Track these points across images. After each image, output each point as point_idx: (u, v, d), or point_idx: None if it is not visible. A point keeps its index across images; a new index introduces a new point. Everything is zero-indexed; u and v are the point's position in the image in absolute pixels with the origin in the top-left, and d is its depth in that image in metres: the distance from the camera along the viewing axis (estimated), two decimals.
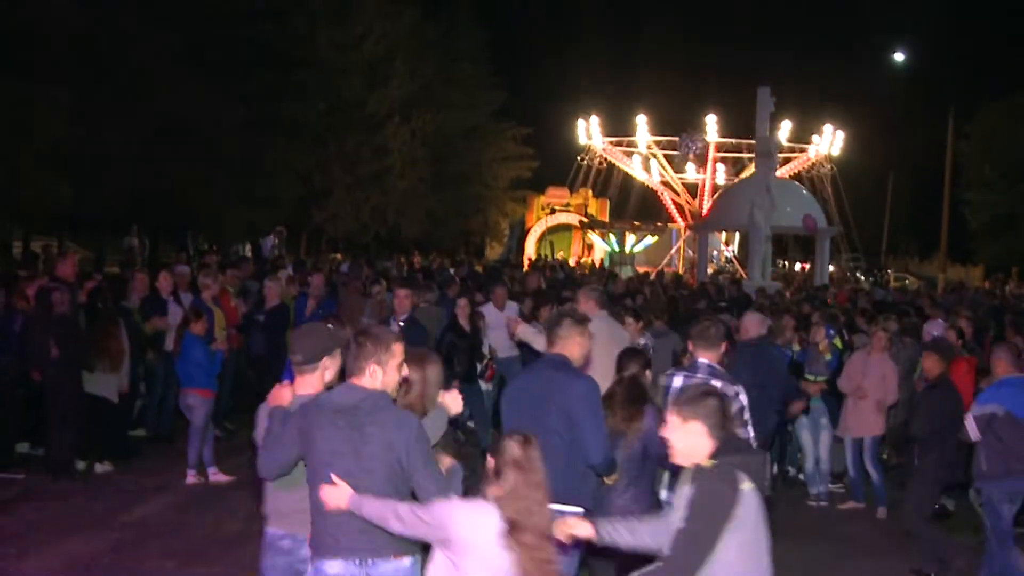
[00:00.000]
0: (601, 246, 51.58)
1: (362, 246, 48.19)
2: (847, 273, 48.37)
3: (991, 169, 52.44)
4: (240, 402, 14.50)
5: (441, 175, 50.27)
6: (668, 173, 51.89)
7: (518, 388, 7.09)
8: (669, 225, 51.77)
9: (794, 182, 44.43)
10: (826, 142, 50.78)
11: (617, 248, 49.03)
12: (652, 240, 50.18)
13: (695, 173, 51.26)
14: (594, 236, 52.38)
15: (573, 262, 47.33)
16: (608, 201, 55.44)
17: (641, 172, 52.49)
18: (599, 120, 51.86)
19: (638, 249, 49.63)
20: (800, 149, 51.13)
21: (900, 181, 66.51)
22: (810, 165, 51.44)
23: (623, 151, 52.41)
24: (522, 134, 60.57)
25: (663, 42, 70.05)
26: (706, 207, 46.49)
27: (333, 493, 5.04)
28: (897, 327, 13.43)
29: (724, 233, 48.12)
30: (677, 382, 7.61)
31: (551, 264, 38.63)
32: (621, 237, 49.35)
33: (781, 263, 54.58)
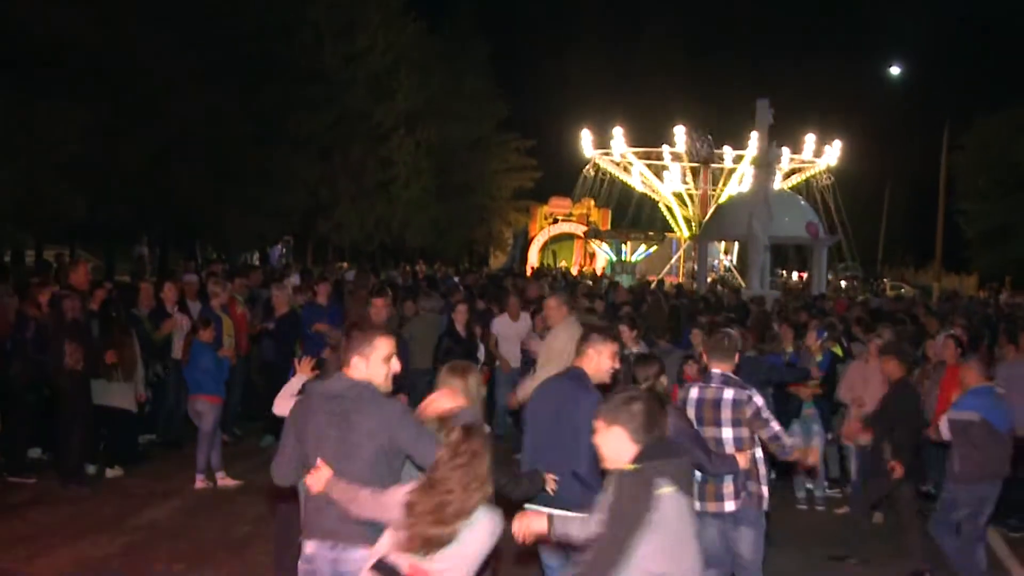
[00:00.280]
0: (603, 255, 51.60)
1: (368, 255, 48.27)
2: (840, 282, 48.36)
3: (986, 180, 52.57)
4: (248, 409, 14.56)
5: (446, 186, 50.42)
6: (651, 182, 52.04)
7: (538, 399, 7.12)
8: (669, 235, 51.76)
9: (792, 192, 44.38)
10: (821, 153, 50.73)
11: (618, 257, 49.04)
12: (652, 249, 50.18)
13: (680, 184, 51.25)
14: (596, 245, 52.40)
15: (575, 271, 47.34)
16: (610, 211, 55.49)
17: (641, 183, 52.48)
18: (592, 132, 51.74)
19: (639, 258, 49.63)
20: (799, 161, 51.09)
21: (896, 191, 66.54)
22: (809, 176, 51.42)
23: (623, 163, 52.39)
24: (525, 145, 60.81)
25: (664, 55, 70.02)
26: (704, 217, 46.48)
27: (315, 476, 5.17)
28: (892, 335, 13.43)
29: (723, 243, 48.10)
30: (693, 394, 7.59)
31: (553, 273, 38.66)
32: (622, 246, 49.38)
33: (781, 273, 54.56)
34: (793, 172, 51.21)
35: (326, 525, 5.24)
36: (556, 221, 55.56)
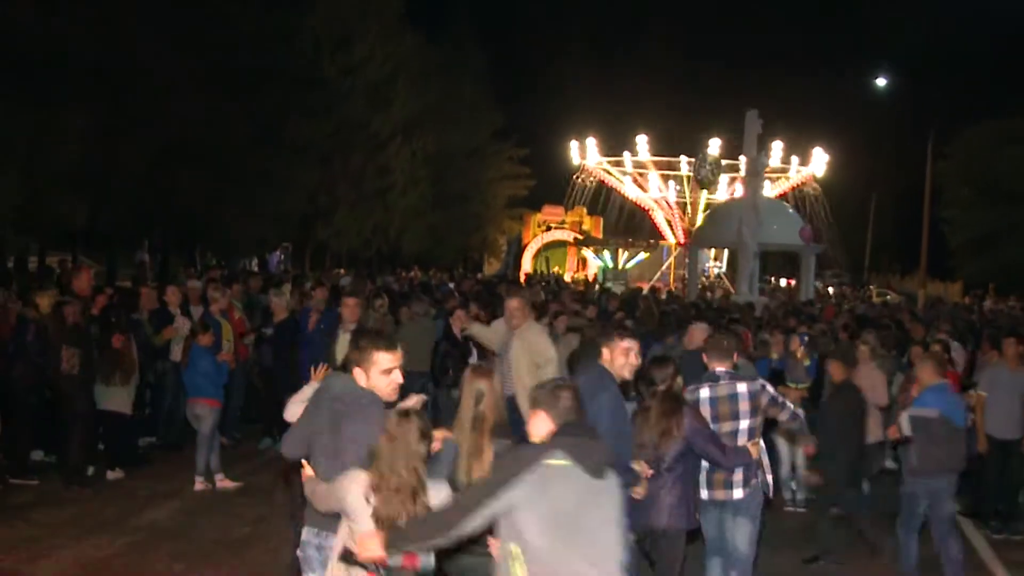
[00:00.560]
0: (595, 262, 51.64)
1: (365, 261, 48.26)
2: (828, 289, 48.38)
3: (970, 190, 52.71)
4: (247, 412, 14.55)
5: (442, 193, 50.46)
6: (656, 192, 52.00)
7: None
8: (660, 242, 51.79)
9: (781, 201, 44.42)
10: (809, 163, 50.75)
11: (610, 264, 49.08)
12: (644, 256, 50.23)
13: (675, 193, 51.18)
14: (588, 252, 52.44)
15: (568, 277, 47.39)
16: (602, 219, 55.51)
17: (632, 191, 52.43)
18: (595, 141, 51.66)
19: (630, 265, 49.67)
20: (786, 170, 51.12)
21: (883, 201, 66.62)
22: (797, 185, 51.45)
23: (619, 170, 52.34)
24: (519, 154, 60.92)
25: (656, 66, 70.21)
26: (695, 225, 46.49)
27: (306, 468, 5.41)
28: (876, 340, 13.46)
29: (713, 250, 48.13)
30: (704, 393, 7.68)
31: (546, 279, 38.71)
32: (614, 253, 49.41)
33: (769, 279, 54.58)
34: (780, 178, 51.20)
35: (313, 514, 5.42)
36: (549, 228, 55.64)
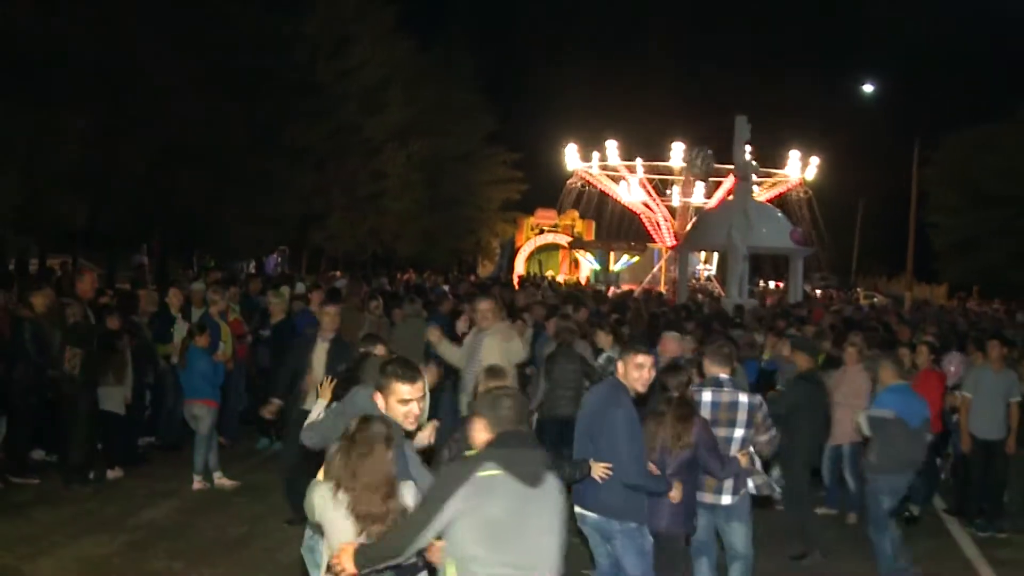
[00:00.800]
0: (587, 265, 51.66)
1: (360, 264, 48.23)
2: (816, 291, 48.42)
3: (954, 195, 52.87)
4: (244, 412, 14.54)
5: (435, 197, 50.41)
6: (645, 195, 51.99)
7: (585, 407, 7.28)
8: (651, 245, 51.79)
9: (770, 205, 44.40)
10: (798, 167, 50.73)
11: (602, 266, 49.10)
12: (635, 259, 50.25)
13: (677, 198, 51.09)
14: (580, 255, 52.46)
15: (561, 280, 47.40)
16: (594, 222, 55.53)
17: (625, 195, 52.43)
18: (578, 146, 51.58)
19: (622, 268, 49.69)
20: (775, 174, 51.11)
21: (870, 205, 66.71)
22: (787, 189, 51.45)
23: (609, 175, 52.31)
24: (512, 158, 60.86)
25: (648, 72, 70.31)
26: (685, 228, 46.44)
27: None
28: (862, 341, 13.51)
29: (704, 253, 48.15)
30: (707, 397, 7.81)
31: (537, 281, 38.71)
32: (606, 256, 49.42)
33: (759, 282, 54.59)
34: (772, 185, 51.20)
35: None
36: (542, 232, 55.66)
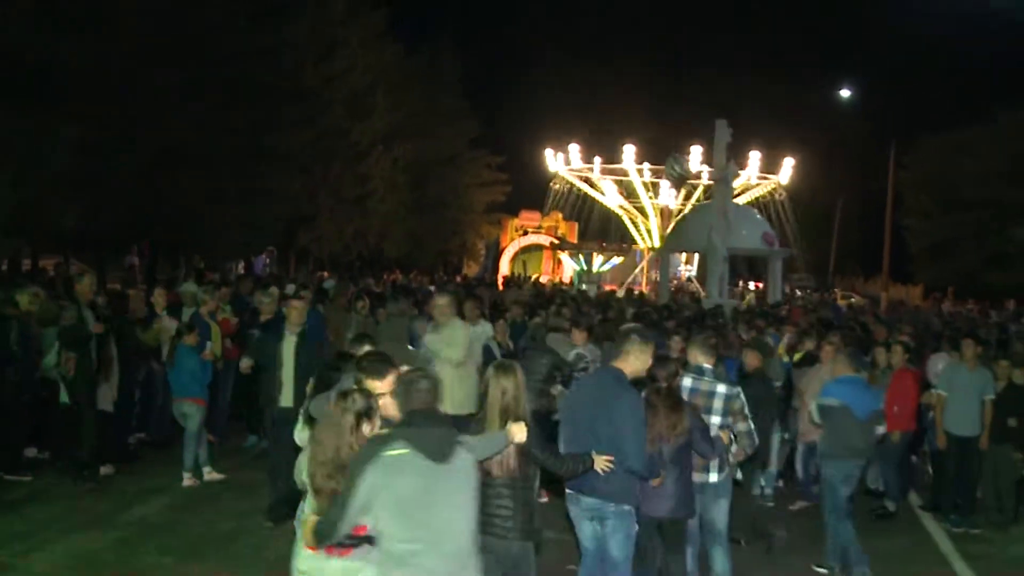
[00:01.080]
0: (570, 265, 51.69)
1: (347, 265, 48.18)
2: (795, 291, 48.53)
3: (928, 198, 53.11)
4: (233, 410, 14.53)
5: (421, 199, 50.44)
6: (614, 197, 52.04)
7: (578, 394, 7.50)
8: (633, 246, 51.83)
9: (750, 207, 44.51)
10: (778, 170, 50.83)
11: (585, 267, 49.12)
12: (618, 260, 50.30)
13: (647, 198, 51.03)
14: (564, 256, 52.49)
15: (545, 280, 47.42)
16: (577, 223, 55.57)
17: (605, 197, 52.40)
18: (572, 148, 51.49)
19: (604, 268, 49.74)
20: (759, 177, 51.17)
21: (847, 207, 66.88)
22: (765, 192, 51.51)
23: (593, 177, 52.27)
24: (496, 161, 61.01)
25: (629, 77, 70.43)
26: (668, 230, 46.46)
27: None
28: (839, 340, 13.58)
29: (684, 254, 48.20)
30: (687, 383, 8.05)
31: (520, 281, 38.75)
32: (589, 257, 49.45)
33: (738, 283, 54.66)
34: (747, 189, 51.23)
35: None
36: (526, 233, 55.66)
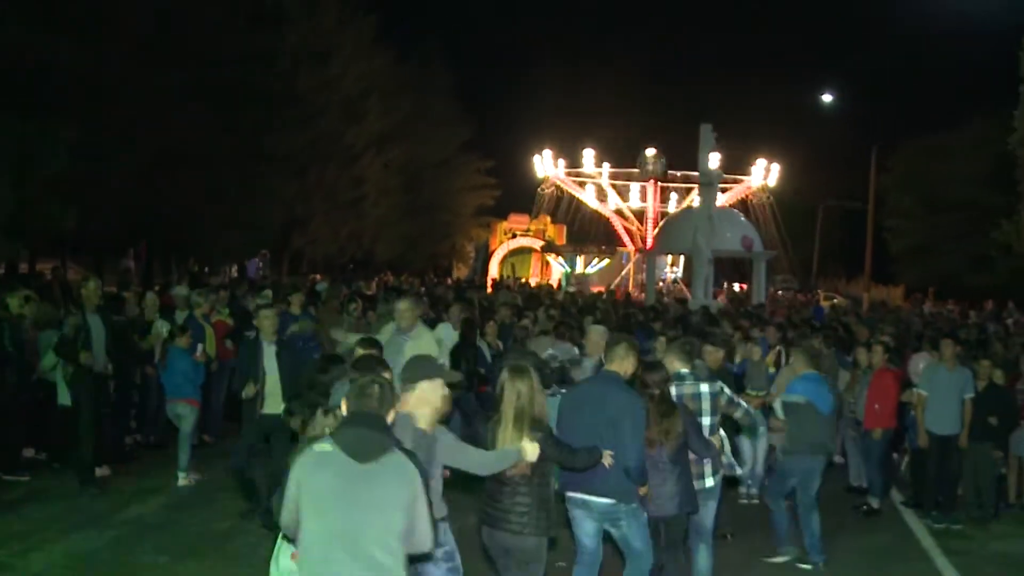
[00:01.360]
0: (558, 268, 51.69)
1: (340, 268, 48.17)
2: (779, 292, 48.59)
3: (909, 201, 53.25)
4: (227, 410, 14.49)
5: (413, 203, 50.51)
6: (615, 201, 52.00)
7: (577, 397, 7.52)
8: (620, 249, 51.85)
9: (734, 210, 44.51)
10: (761, 174, 50.81)
11: (572, 269, 49.14)
12: (605, 262, 50.30)
13: (639, 201, 50.97)
14: (551, 259, 52.48)
15: (533, 282, 47.41)
16: (565, 226, 55.58)
17: (593, 201, 52.40)
18: (552, 153, 51.35)
19: (592, 271, 49.75)
20: (739, 180, 51.15)
21: (830, 210, 66.97)
22: (749, 194, 51.53)
23: (577, 181, 52.22)
24: (486, 166, 61.10)
25: (615, 82, 70.50)
26: (653, 233, 46.44)
27: None
28: (820, 340, 13.64)
29: (670, 256, 48.22)
30: (672, 391, 8.02)
31: (508, 284, 38.79)
32: (576, 259, 49.46)
33: (723, 284, 54.69)
34: (731, 192, 51.26)
35: None
36: (515, 236, 55.61)
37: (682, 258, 47.74)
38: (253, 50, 28.87)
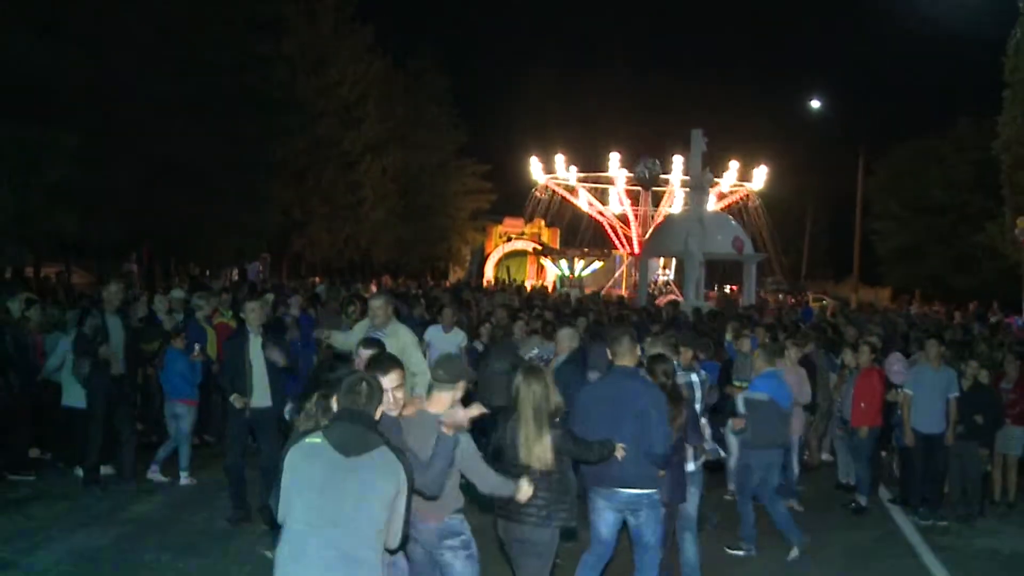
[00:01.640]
0: (553, 270, 51.71)
1: (338, 270, 48.17)
2: (766, 296, 48.63)
3: (896, 204, 53.35)
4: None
5: (409, 207, 50.54)
6: (598, 205, 52.13)
7: (596, 394, 7.62)
8: (613, 252, 51.90)
9: (725, 213, 44.55)
10: (751, 177, 50.88)
11: (567, 272, 49.17)
12: (598, 265, 50.34)
13: (626, 205, 51.04)
14: (546, 261, 52.50)
15: (528, 285, 47.45)
16: (559, 230, 55.62)
17: (585, 204, 52.46)
18: (540, 160, 51.39)
19: (586, 273, 49.79)
20: (732, 184, 51.22)
21: (818, 213, 67.13)
22: (740, 198, 51.57)
23: (566, 187, 52.23)
24: (482, 170, 61.18)
25: (607, 88, 70.67)
26: (645, 236, 46.46)
27: None
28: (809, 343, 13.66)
29: (662, 259, 48.25)
30: None
31: (503, 287, 38.80)
32: (571, 262, 49.49)
33: (714, 286, 54.74)
34: (722, 196, 51.33)
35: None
36: (510, 239, 55.63)
37: (673, 261, 47.77)
38: (252, 58, 28.87)
